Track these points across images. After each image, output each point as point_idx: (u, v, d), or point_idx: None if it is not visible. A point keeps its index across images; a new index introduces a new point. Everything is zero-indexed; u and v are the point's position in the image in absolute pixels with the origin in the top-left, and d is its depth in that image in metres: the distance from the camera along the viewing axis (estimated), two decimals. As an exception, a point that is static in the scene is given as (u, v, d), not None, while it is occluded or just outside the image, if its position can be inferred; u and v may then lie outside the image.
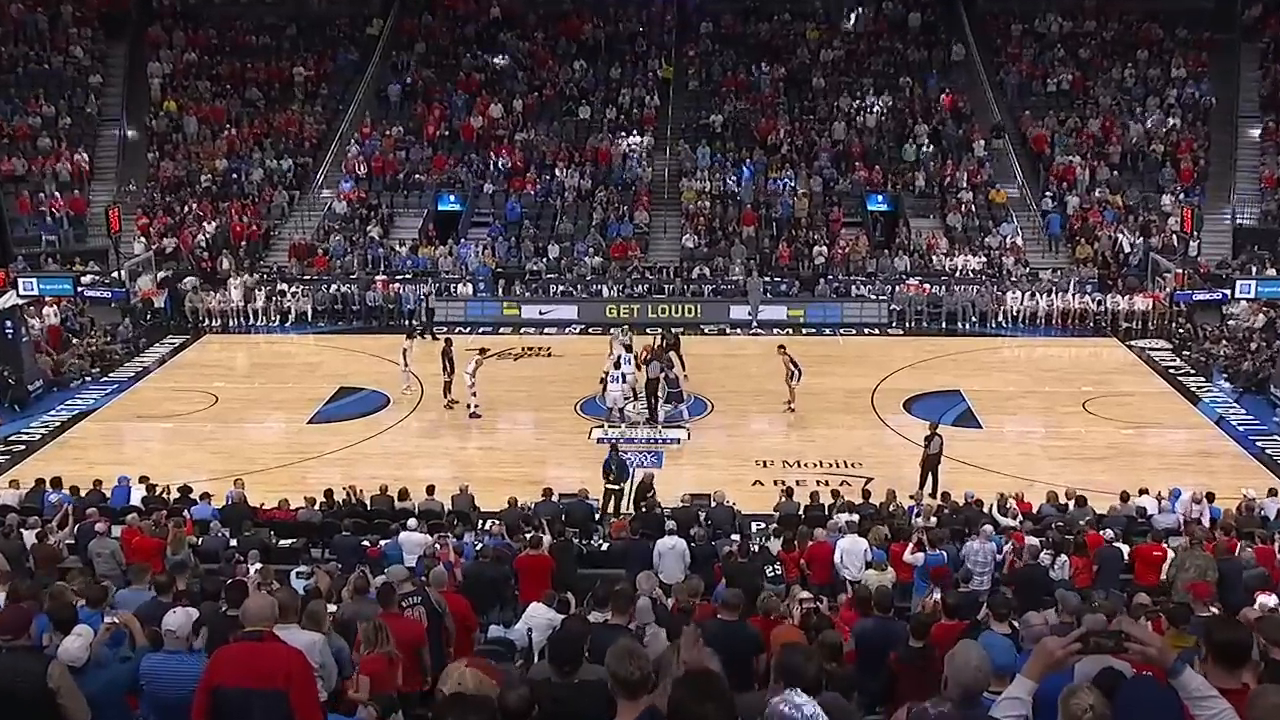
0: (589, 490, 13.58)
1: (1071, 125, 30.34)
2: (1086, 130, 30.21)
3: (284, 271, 26.91)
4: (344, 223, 28.58)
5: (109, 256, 26.38)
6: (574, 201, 29.19)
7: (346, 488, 13.69)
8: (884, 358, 22.29)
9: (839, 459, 16.35)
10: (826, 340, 23.86)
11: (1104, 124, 30.27)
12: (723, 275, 26.48)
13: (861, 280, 26.13)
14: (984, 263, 26.52)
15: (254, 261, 27.42)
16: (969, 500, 13.08)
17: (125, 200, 28.65)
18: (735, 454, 16.77)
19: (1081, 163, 29.16)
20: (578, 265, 26.76)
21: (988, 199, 28.79)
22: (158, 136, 30.95)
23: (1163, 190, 28.43)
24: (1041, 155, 29.76)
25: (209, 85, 32.22)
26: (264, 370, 21.97)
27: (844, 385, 19.98)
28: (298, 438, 17.64)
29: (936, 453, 14.71)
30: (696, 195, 29.03)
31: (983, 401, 18.98)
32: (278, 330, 25.00)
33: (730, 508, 13.09)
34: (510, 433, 18.01)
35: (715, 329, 24.75)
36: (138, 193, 29.34)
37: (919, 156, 29.83)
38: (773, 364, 19.87)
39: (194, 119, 31.21)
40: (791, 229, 28.04)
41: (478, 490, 14.08)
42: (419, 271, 26.91)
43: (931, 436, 14.83)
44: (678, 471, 16.11)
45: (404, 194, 29.69)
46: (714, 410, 18.87)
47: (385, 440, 17.52)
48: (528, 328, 24.79)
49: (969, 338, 24.09)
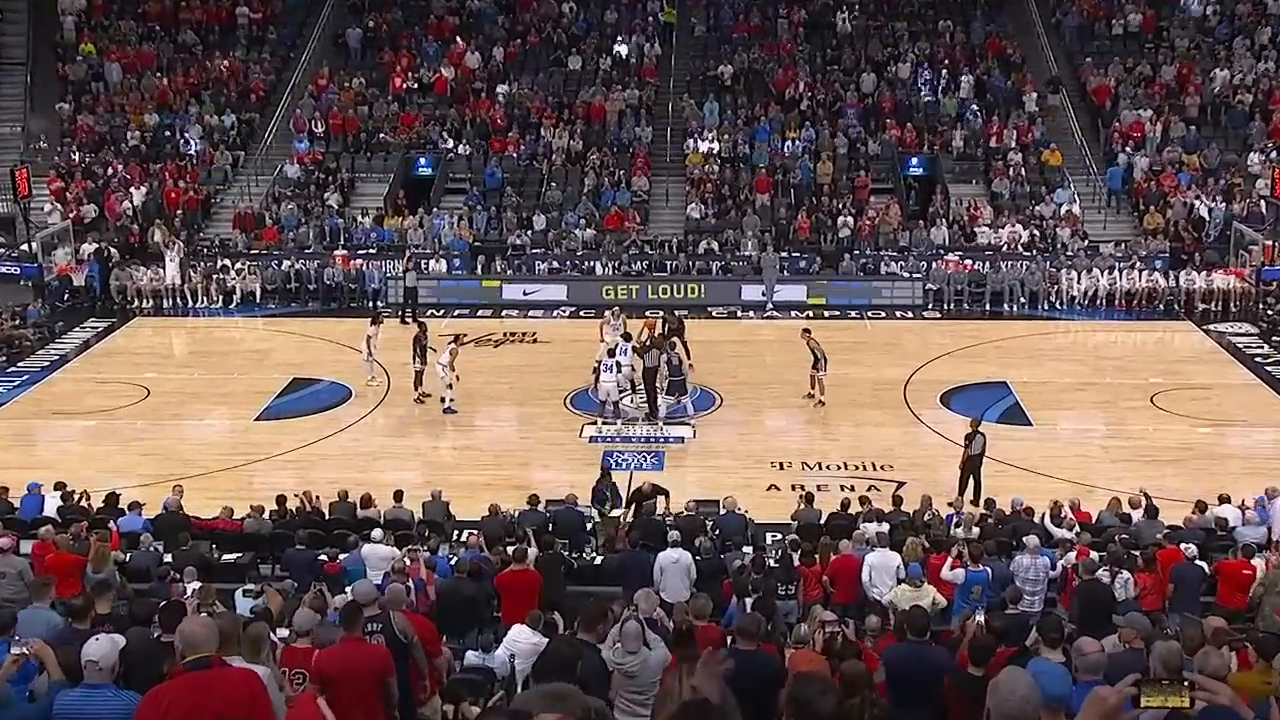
0: (578, 496, 13.55)
1: (1141, 74, 30.13)
2: (1159, 79, 29.99)
3: (227, 245, 26.85)
4: (297, 189, 28.52)
5: (16, 226, 26.19)
6: (563, 165, 29.12)
7: (301, 494, 13.67)
8: (919, 345, 22.25)
9: (867, 460, 16.34)
10: (852, 325, 23.83)
11: (1179, 71, 29.98)
12: (733, 250, 26.46)
13: (893, 256, 26.13)
14: (1035, 235, 26.50)
15: (192, 233, 27.35)
16: (1017, 508, 13.07)
17: (35, 160, 28.45)
18: (747, 454, 16.75)
19: (1152, 117, 29.02)
20: (567, 239, 26.72)
21: (1040, 161, 28.73)
22: (73, 85, 30.72)
23: (1249, 148, 28.21)
24: (1104, 109, 29.64)
25: (134, 26, 32.02)
26: (204, 359, 21.90)
27: (873, 376, 19.95)
28: (244, 437, 17.59)
29: (979, 453, 14.71)
30: (703, 158, 28.96)
31: (1033, 395, 18.97)
32: (220, 313, 24.94)
33: (741, 516, 13.08)
34: (490, 430, 17.99)
35: (724, 312, 24.71)
36: (49, 151, 29.17)
37: (960, 112, 29.78)
38: (791, 352, 19.86)
39: (117, 65, 31.02)
40: (812, 197, 27.99)
41: (453, 496, 14.07)
42: (385, 245, 26.87)
43: (973, 435, 14.82)
44: (681, 475, 16.07)
45: (367, 156, 29.61)
46: (723, 404, 18.85)
47: (346, 439, 17.48)
48: (510, 310, 24.75)
49: (1017, 321, 24.06)
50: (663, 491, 13.57)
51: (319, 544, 11.97)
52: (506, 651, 8.51)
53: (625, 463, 16.33)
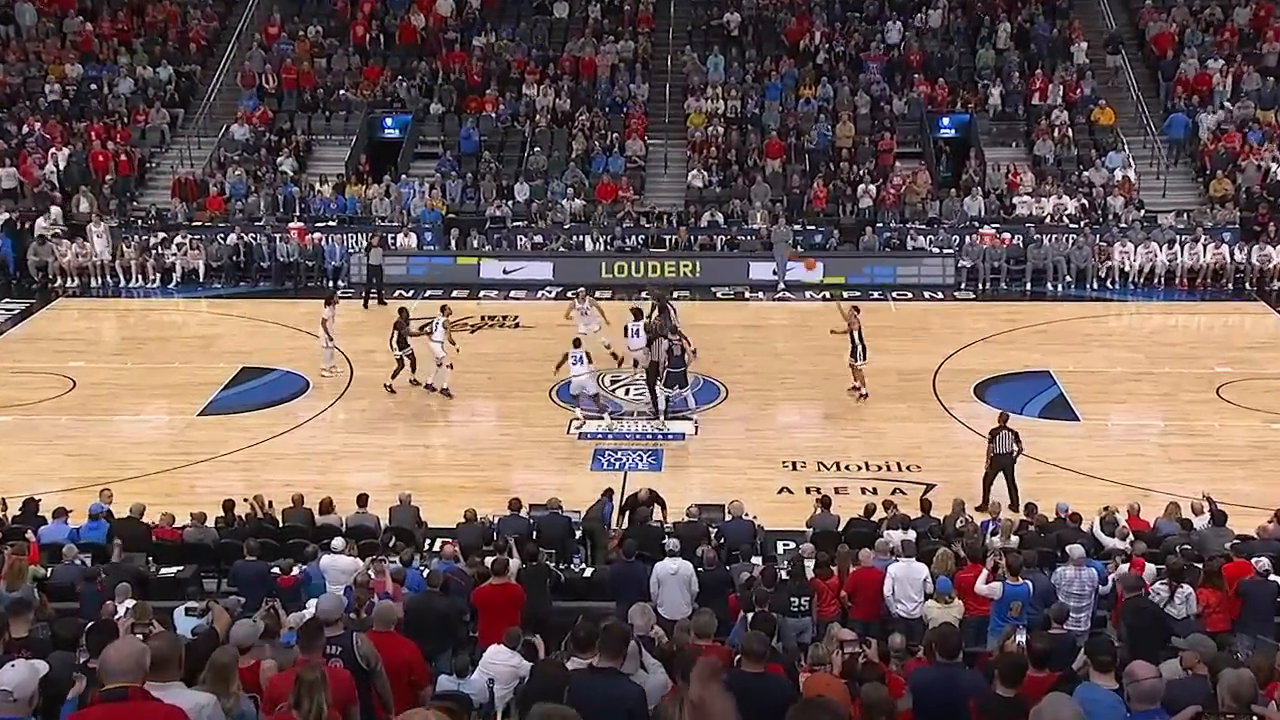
0: (561, 500, 13.52)
1: (1209, 18, 29.98)
2: (1230, 24, 29.83)
3: (165, 216, 26.75)
4: (246, 153, 28.43)
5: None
6: (548, 127, 29.05)
7: (251, 499, 13.66)
8: (950, 329, 22.27)
9: (891, 460, 16.34)
10: (875, 307, 23.62)
11: (1255, 14, 29.78)
12: (740, 223, 26.43)
13: (920, 229, 26.11)
14: (1083, 204, 26.50)
15: (124, 203, 27.28)
16: (1062, 514, 13.06)
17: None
18: (756, 453, 16.74)
19: (1222, 68, 28.93)
20: (553, 210, 26.68)
21: (1089, 121, 28.71)
22: (-23, 30, 30.63)
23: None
24: (1165, 60, 29.53)
25: (51, -42, 31.77)
26: (139, 346, 21.81)
27: (898, 365, 19.93)
28: (185, 434, 17.54)
29: (1008, 452, 14.69)
30: (706, 119, 28.89)
31: (1080, 386, 18.97)
32: (158, 293, 24.85)
33: (750, 522, 13.07)
34: (466, 426, 17.97)
35: (730, 292, 24.68)
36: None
37: (998, 66, 29.71)
38: (805, 338, 19.87)
39: (30, 6, 30.80)
40: (830, 163, 27.95)
41: (424, 501, 14.04)
42: (346, 218, 26.81)
43: (998, 431, 14.79)
44: (682, 476, 16.06)
45: (325, 116, 29.51)
46: (728, 397, 18.83)
47: (302, 437, 17.45)
48: (488, 291, 24.70)
49: (1062, 303, 24.09)
50: (659, 501, 13.56)
51: (271, 555, 11.93)
52: (484, 675, 8.48)
53: (619, 462, 16.34)
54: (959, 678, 6.87)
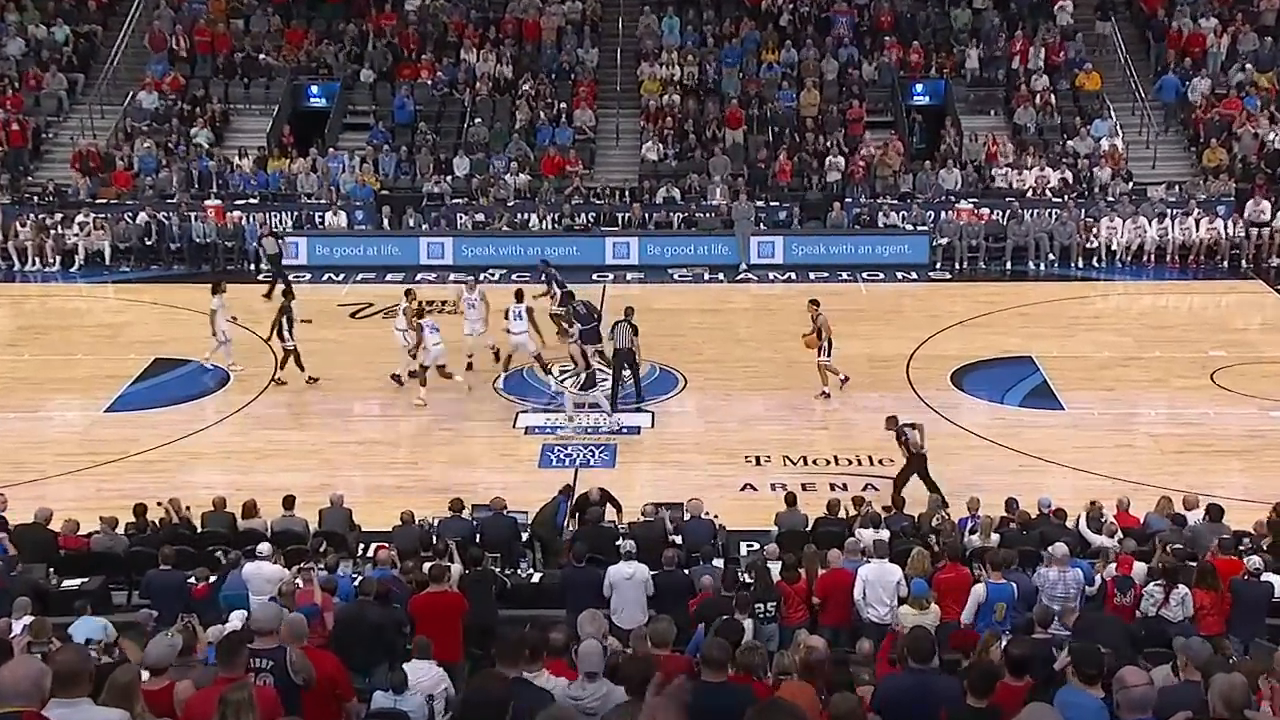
0: (506, 500, 13.48)
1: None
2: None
3: (65, 193, 26.37)
4: (155, 123, 28.07)
5: None
6: (489, 96, 28.91)
7: (166, 503, 13.51)
8: (924, 312, 22.39)
9: (862, 453, 16.40)
10: (844, 289, 23.85)
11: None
12: (699, 199, 26.45)
13: (893, 205, 26.24)
14: (1068, 177, 26.75)
15: (16, 177, 26.86)
16: (1045, 510, 13.19)
17: None
18: (716, 447, 16.78)
19: (1216, 28, 29.14)
20: (495, 186, 26.56)
21: (1074, 86, 28.97)
22: None
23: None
24: (1155, 19, 29.76)
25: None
26: (37, 336, 21.50)
27: (869, 351, 20.03)
28: (91, 432, 17.36)
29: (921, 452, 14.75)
30: (662, 87, 28.86)
31: (1065, 372, 19.15)
32: (58, 277, 24.54)
33: (710, 521, 13.10)
34: (403, 421, 17.86)
35: (688, 274, 24.72)
36: None
37: (975, 27, 29.92)
38: (769, 322, 19.94)
39: (-104, -46, 30.12)
40: (795, 134, 28.02)
41: (357, 502, 13.98)
42: (269, 194, 26.56)
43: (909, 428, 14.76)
44: (637, 472, 16.07)
45: (244, 83, 29.18)
46: (687, 386, 18.87)
47: (222, 434, 17.32)
48: (425, 273, 24.57)
49: (1045, 283, 24.28)
50: (612, 500, 13.56)
51: (189, 564, 11.81)
52: (427, 694, 8.45)
53: (569, 458, 16.35)
54: (932, 685, 6.90)
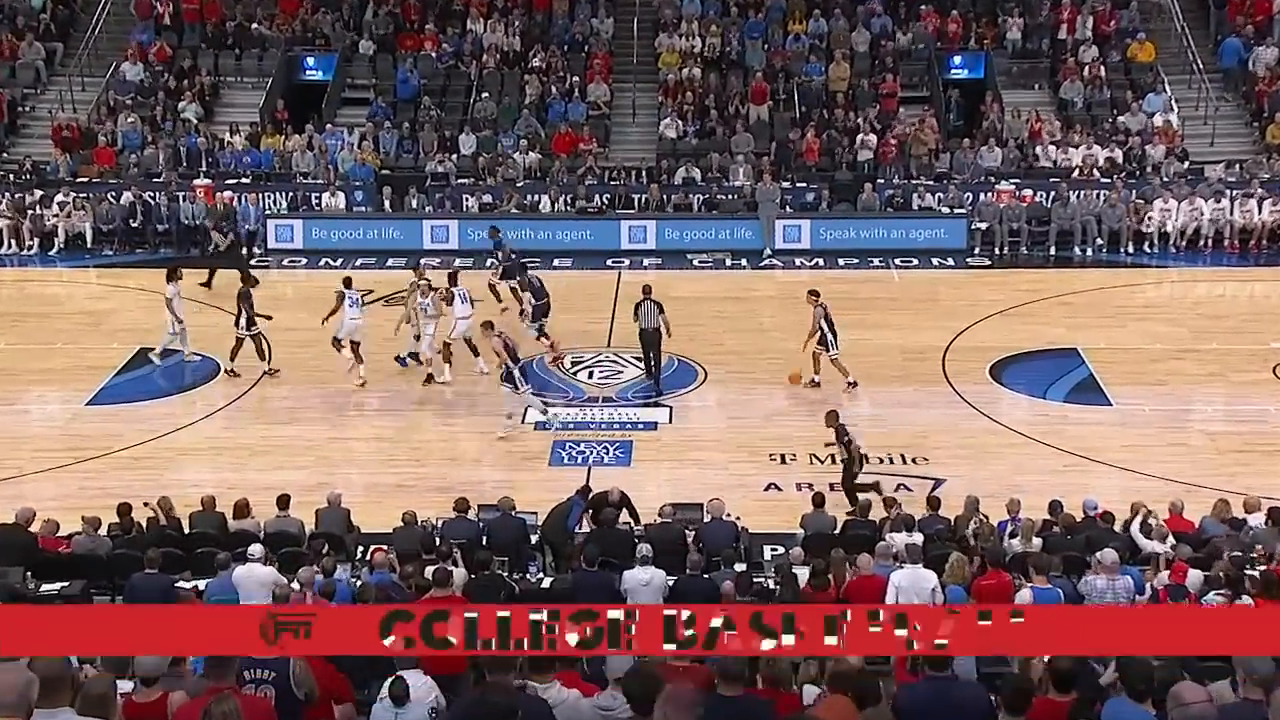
0: (515, 500, 13.48)
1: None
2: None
3: (43, 170, 26.44)
4: (140, 96, 28.15)
5: None
6: (497, 69, 28.88)
7: (156, 503, 13.53)
8: (962, 301, 22.32)
9: (894, 451, 16.36)
10: (875, 276, 23.85)
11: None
12: (720, 180, 26.40)
13: (928, 186, 26.17)
14: (1118, 156, 26.60)
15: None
16: (1091, 513, 13.12)
17: None
18: (739, 444, 16.77)
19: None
20: (504, 166, 26.55)
21: (1126, 58, 28.80)
22: None
23: None
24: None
25: None
26: (14, 324, 21.53)
27: (901, 342, 20.00)
28: (71, 427, 17.40)
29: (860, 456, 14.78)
30: (681, 59, 28.79)
31: (1113, 365, 19.07)
32: (36, 261, 24.61)
33: (732, 524, 13.06)
34: (405, 416, 17.87)
35: (709, 260, 24.69)
36: None
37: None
38: (795, 311, 19.79)
39: None
40: (824, 110, 27.93)
41: (355, 502, 14.00)
42: (262, 174, 26.59)
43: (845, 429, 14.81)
44: (654, 470, 16.05)
45: (236, 54, 29.23)
46: (707, 379, 18.85)
47: (213, 429, 17.35)
48: (429, 258, 24.54)
49: (1092, 270, 24.21)
50: (632, 512, 13.54)
51: (176, 567, 11.84)
52: (426, 706, 8.42)
53: (582, 456, 16.33)
54: (953, 694, 6.84)
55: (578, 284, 22.95)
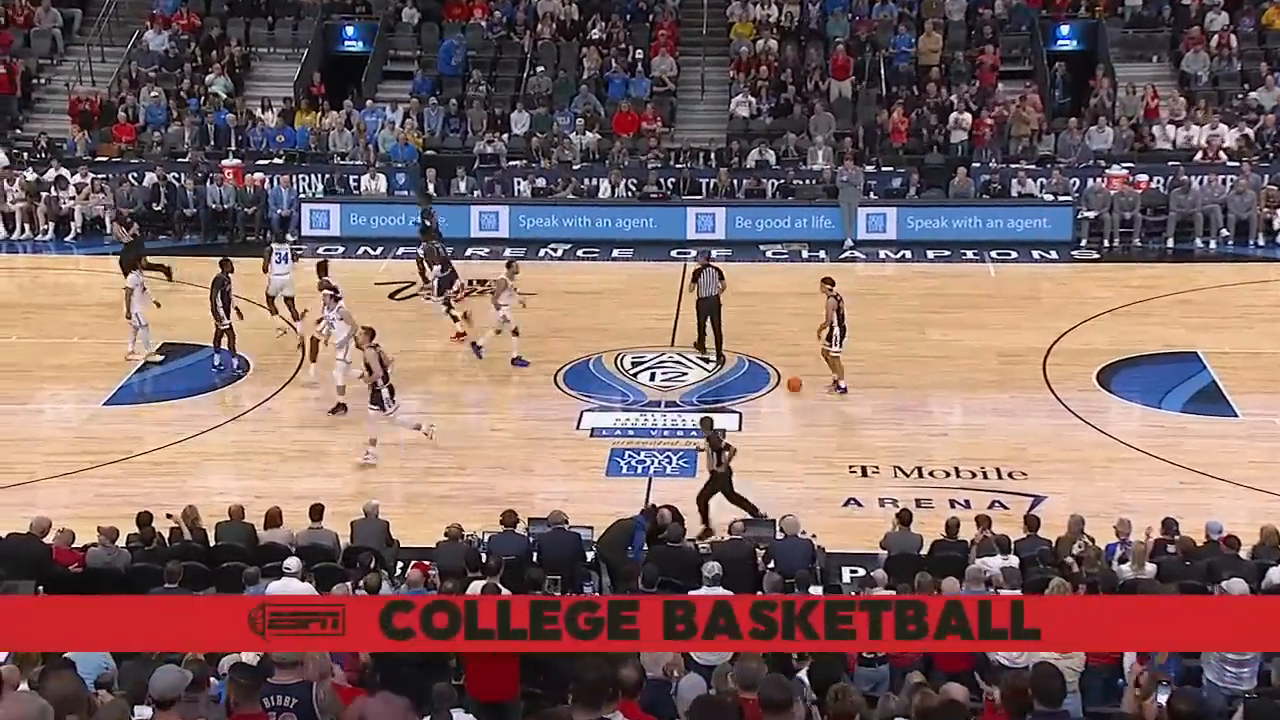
0: (568, 514, 13.50)
1: None
2: None
3: (59, 148, 26.82)
4: (164, 68, 28.51)
5: None
6: (553, 41, 29.02)
7: (180, 515, 13.56)
8: (1066, 298, 22.20)
9: (988, 464, 16.28)
10: (969, 270, 23.72)
11: None
12: (797, 163, 26.36)
13: (1030, 170, 25.96)
14: (1247, 136, 26.28)
15: (3, 129, 27.41)
16: (1214, 537, 12.95)
17: None
18: (816, 454, 16.77)
19: None
20: (559, 147, 26.66)
21: (1260, 25, 28.42)
22: None
23: None
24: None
25: None
26: (27, 315, 21.88)
27: (997, 344, 19.90)
28: (88, 428, 17.60)
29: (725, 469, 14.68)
30: (755, 30, 28.79)
31: (1239, 371, 18.88)
32: (51, 247, 24.93)
33: (807, 542, 13.06)
34: (449, 419, 17.93)
35: (783, 251, 24.66)
36: None
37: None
38: (880, 308, 19.88)
39: None
40: (913, 85, 27.84)
41: (395, 513, 14.12)
42: (296, 154, 26.87)
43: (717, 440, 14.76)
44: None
45: (268, 22, 29.59)
46: (780, 383, 18.81)
47: (241, 432, 17.53)
48: (477, 247, 24.75)
49: (1216, 264, 23.94)
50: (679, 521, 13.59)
51: (200, 582, 11.92)
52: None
53: (641, 466, 16.39)
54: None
55: (639, 277, 22.99)
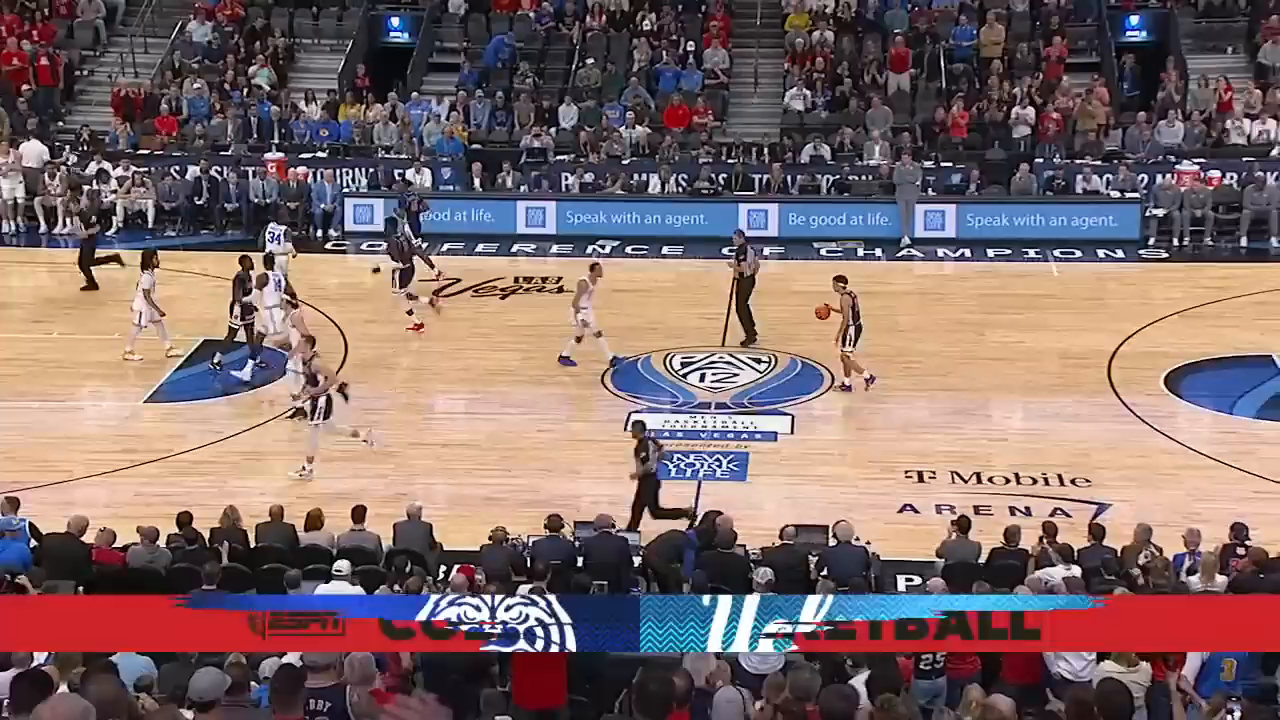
0: (614, 518, 13.54)
1: None
2: None
3: (101, 141, 26.99)
4: (208, 59, 28.71)
5: None
6: (602, 31, 29.05)
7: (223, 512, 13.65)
8: (1133, 299, 22.08)
9: (1050, 471, 16.18)
10: (1031, 269, 23.59)
11: None
12: (853, 158, 26.28)
13: (1097, 166, 25.75)
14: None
15: (45, 121, 27.58)
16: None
17: None
18: (870, 458, 16.73)
19: None
20: (608, 141, 26.67)
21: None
22: None
23: None
24: None
25: None
26: (67, 311, 22.02)
27: (1061, 346, 19.82)
28: (128, 426, 17.73)
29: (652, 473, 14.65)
30: (811, 21, 28.73)
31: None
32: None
33: (862, 549, 13.01)
34: (494, 420, 18.01)
35: (838, 249, 24.56)
36: None
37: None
38: (937, 309, 19.79)
39: None
40: (974, 78, 27.69)
41: (439, 516, 14.15)
42: (340, 147, 27.00)
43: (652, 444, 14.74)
44: (771, 487, 16.05)
45: (312, 13, 29.76)
46: (834, 385, 18.76)
47: (282, 431, 17.61)
48: (523, 244, 24.80)
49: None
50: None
51: (240, 583, 12.00)
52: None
53: (691, 469, 16.34)
54: None
55: (689, 275, 22.95)
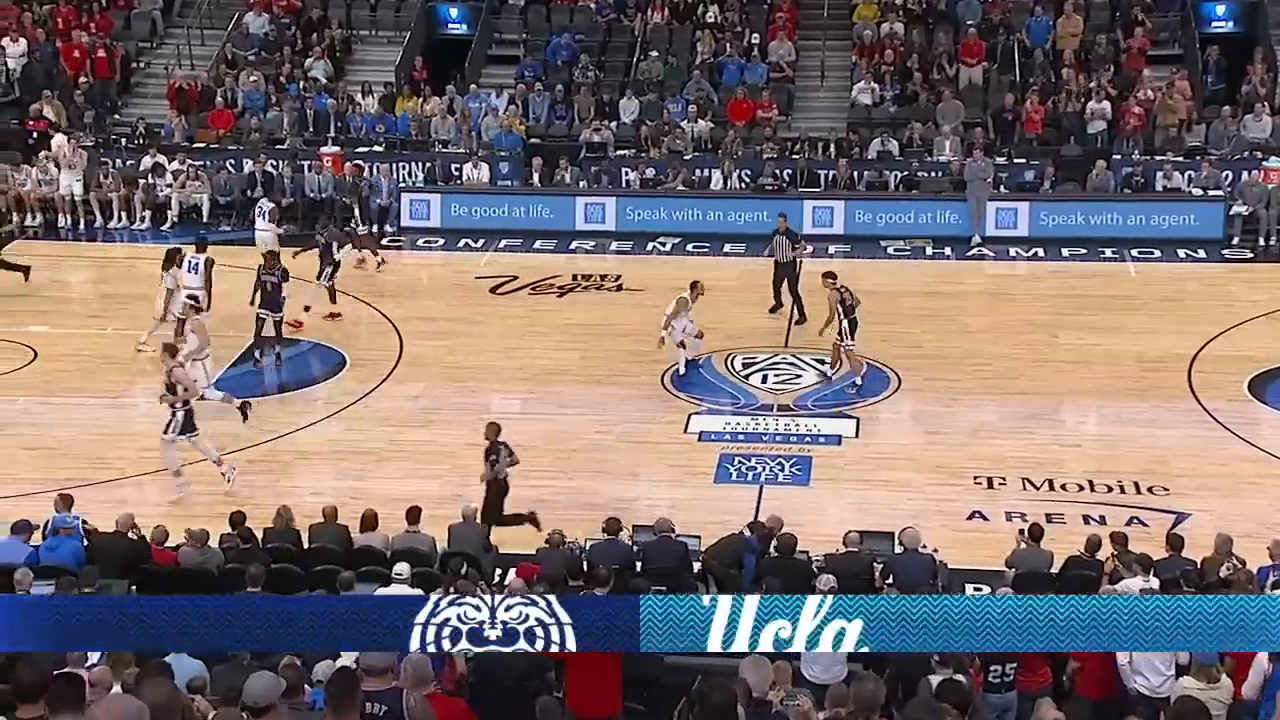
0: (674, 522, 13.52)
1: None
2: None
3: (157, 134, 27.28)
4: (264, 52, 28.99)
5: None
6: (664, 24, 29.10)
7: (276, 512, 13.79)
8: (1216, 300, 21.91)
9: (1125, 478, 16.10)
10: (1108, 270, 23.43)
11: None
12: (922, 154, 26.22)
13: (1178, 163, 25.56)
14: None
15: (101, 115, 27.87)
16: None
17: None
18: (938, 464, 16.68)
19: None
20: (670, 135, 26.72)
21: None
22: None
23: None
24: None
25: None
26: (122, 306, 22.18)
27: (1138, 349, 19.69)
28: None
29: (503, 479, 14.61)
30: (879, 12, 28.69)
31: None
32: (147, 237, 25.32)
33: (929, 557, 12.95)
34: (550, 421, 18.07)
35: (905, 248, 24.54)
36: None
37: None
38: (1008, 310, 19.71)
39: None
40: (1049, 71, 27.53)
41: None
42: (396, 140, 27.18)
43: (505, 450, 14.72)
44: (838, 493, 16.05)
45: (370, 6, 29.97)
46: (901, 387, 18.76)
47: (336, 430, 17.78)
48: (583, 240, 24.91)
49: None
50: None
51: (294, 584, 12.09)
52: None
53: (752, 473, 16.40)
54: None
55: (752, 273, 22.92)
